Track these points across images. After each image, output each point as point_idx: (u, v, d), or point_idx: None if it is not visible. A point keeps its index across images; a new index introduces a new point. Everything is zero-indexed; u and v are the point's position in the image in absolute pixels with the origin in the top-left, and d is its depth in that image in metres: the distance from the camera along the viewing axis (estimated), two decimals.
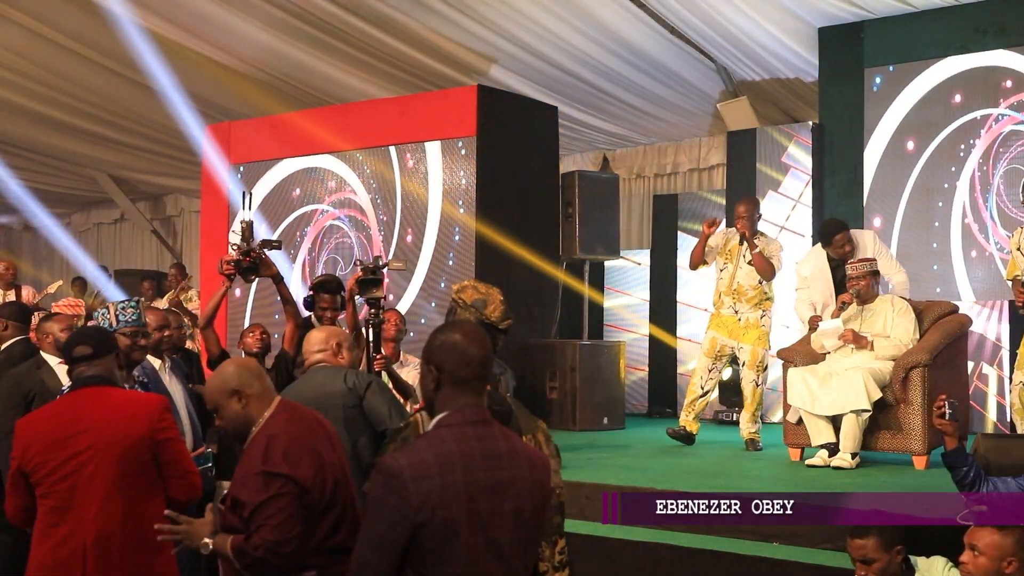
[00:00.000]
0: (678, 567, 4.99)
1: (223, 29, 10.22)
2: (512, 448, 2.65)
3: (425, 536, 2.48)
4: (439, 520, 2.48)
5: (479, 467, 2.55)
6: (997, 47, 8.47)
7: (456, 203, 9.21)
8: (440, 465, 2.51)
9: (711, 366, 7.59)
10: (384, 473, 2.52)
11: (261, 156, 10.73)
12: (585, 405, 8.82)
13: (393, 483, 2.49)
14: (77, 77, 11.50)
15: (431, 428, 2.63)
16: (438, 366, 2.64)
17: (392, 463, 2.53)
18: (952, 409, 4.18)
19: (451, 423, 2.59)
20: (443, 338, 2.67)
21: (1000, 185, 8.42)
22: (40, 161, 14.11)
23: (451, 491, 2.50)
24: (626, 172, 11.84)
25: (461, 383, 2.63)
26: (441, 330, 2.73)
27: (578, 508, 5.70)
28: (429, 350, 2.67)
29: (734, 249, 7.58)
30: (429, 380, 2.66)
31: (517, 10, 9.30)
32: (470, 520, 2.51)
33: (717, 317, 7.61)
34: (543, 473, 2.71)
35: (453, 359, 2.63)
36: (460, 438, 2.57)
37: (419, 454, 2.54)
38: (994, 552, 3.48)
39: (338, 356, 4.38)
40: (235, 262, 5.14)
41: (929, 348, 6.55)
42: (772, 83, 10.21)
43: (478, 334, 2.71)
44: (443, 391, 2.64)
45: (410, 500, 2.47)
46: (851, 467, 6.38)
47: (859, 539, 3.86)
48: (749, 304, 7.48)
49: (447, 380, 2.63)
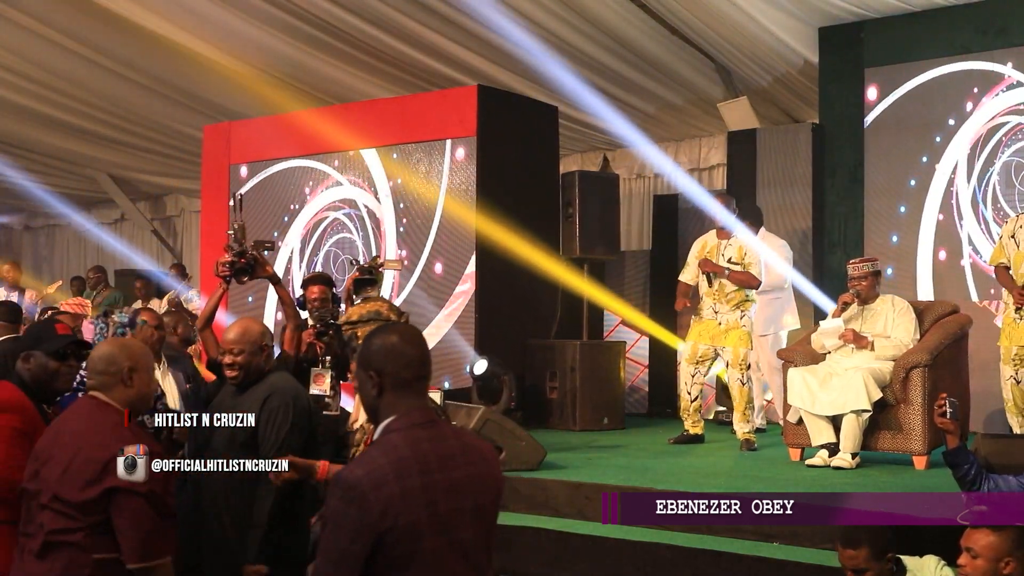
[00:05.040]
0: (678, 567, 4.99)
1: (223, 29, 10.23)
2: (463, 444, 2.63)
3: (389, 543, 2.45)
4: (402, 526, 2.45)
5: (435, 469, 2.52)
6: (997, 47, 8.47)
7: (456, 203, 9.21)
8: (397, 472, 2.48)
9: (694, 371, 7.62)
10: (341, 486, 2.48)
11: (261, 156, 10.74)
12: (585, 405, 8.81)
13: (351, 495, 2.45)
14: (77, 77, 11.51)
15: (380, 434, 2.59)
16: (378, 371, 2.59)
17: (348, 475, 2.49)
18: (953, 408, 4.19)
19: (400, 427, 2.56)
20: (379, 342, 2.63)
21: (996, 184, 8.42)
22: (40, 161, 14.11)
23: (410, 496, 2.47)
24: (626, 172, 11.84)
25: (404, 385, 2.59)
26: (375, 335, 2.68)
27: (578, 508, 5.71)
28: (366, 356, 2.62)
29: (712, 251, 7.61)
30: (370, 387, 2.60)
31: (517, 10, 9.30)
32: (432, 523, 2.49)
33: (699, 323, 7.63)
34: (495, 465, 2.70)
35: (393, 362, 2.59)
36: (412, 441, 2.54)
37: (374, 463, 2.50)
38: (991, 553, 3.48)
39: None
40: (230, 263, 5.14)
41: (929, 348, 6.55)
42: (772, 83, 10.21)
43: (413, 334, 2.68)
44: (386, 396, 2.59)
45: (371, 509, 2.44)
46: (851, 467, 6.38)
47: (851, 549, 3.85)
48: (730, 305, 7.49)
49: (389, 384, 2.59)
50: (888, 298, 6.88)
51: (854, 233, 9.10)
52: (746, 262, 7.45)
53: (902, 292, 8.02)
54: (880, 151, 9.03)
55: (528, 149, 9.40)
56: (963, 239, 8.59)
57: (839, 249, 9.08)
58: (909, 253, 8.79)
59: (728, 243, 7.57)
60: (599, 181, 9.66)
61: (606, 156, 12.11)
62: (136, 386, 3.46)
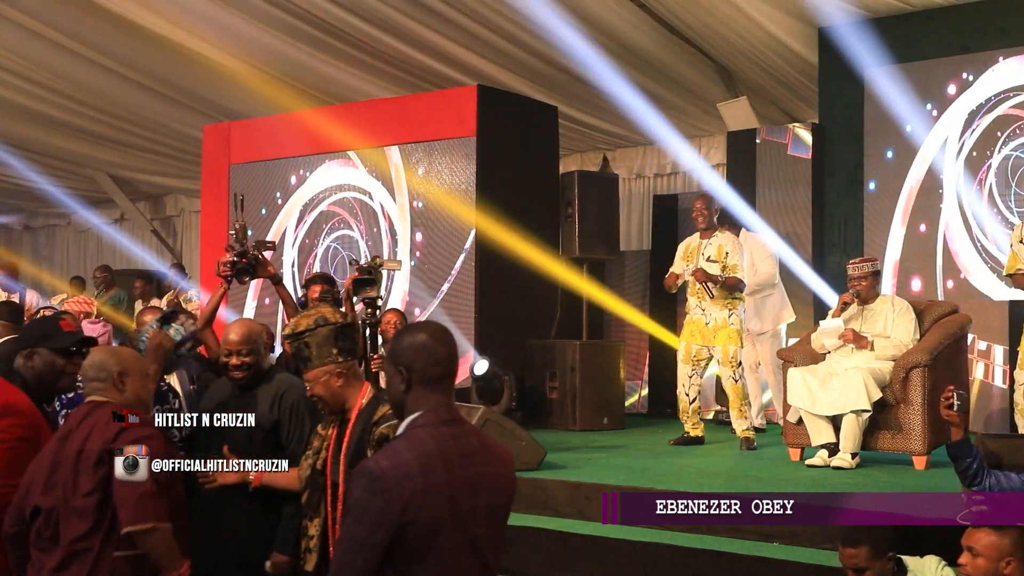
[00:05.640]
0: (678, 567, 4.98)
1: (223, 29, 10.23)
2: (483, 444, 2.70)
3: (409, 536, 2.50)
4: (423, 521, 2.50)
5: (457, 465, 2.58)
6: (997, 47, 8.47)
7: (456, 203, 9.21)
8: (421, 466, 2.53)
9: (691, 372, 7.63)
10: (366, 476, 2.53)
11: (261, 156, 10.74)
12: (585, 405, 8.81)
13: (376, 486, 2.50)
14: (77, 77, 11.51)
15: (405, 429, 2.64)
16: (407, 367, 2.65)
17: (374, 466, 2.54)
18: (960, 400, 4.20)
19: (427, 423, 2.61)
20: (410, 339, 2.69)
21: (992, 184, 8.42)
22: (40, 161, 14.11)
23: (433, 492, 2.52)
24: (626, 172, 11.84)
25: (431, 382, 2.65)
26: (406, 331, 2.74)
27: (578, 508, 5.71)
28: (396, 352, 2.68)
29: (694, 251, 7.63)
30: (399, 382, 2.66)
31: (517, 10, 9.30)
32: (452, 518, 2.54)
33: (689, 323, 7.65)
34: (510, 467, 2.78)
35: (423, 359, 2.65)
36: (437, 438, 2.59)
37: (400, 456, 2.55)
38: (992, 553, 3.48)
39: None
40: (231, 263, 5.14)
41: (929, 348, 6.55)
42: (772, 83, 10.20)
43: (443, 333, 2.73)
44: (414, 391, 2.65)
45: (394, 502, 2.49)
46: (851, 467, 6.38)
47: (851, 548, 3.86)
48: (716, 304, 7.49)
49: (417, 380, 2.64)
50: (888, 298, 6.88)
51: (854, 233, 9.11)
52: (729, 263, 7.47)
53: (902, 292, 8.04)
54: (880, 151, 9.03)
55: (528, 149, 9.40)
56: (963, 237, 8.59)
57: (839, 249, 9.09)
58: (911, 252, 8.78)
59: (708, 242, 7.61)
60: (599, 181, 9.66)
61: (606, 156, 12.11)
62: (129, 390, 3.46)
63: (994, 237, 8.36)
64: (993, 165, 8.45)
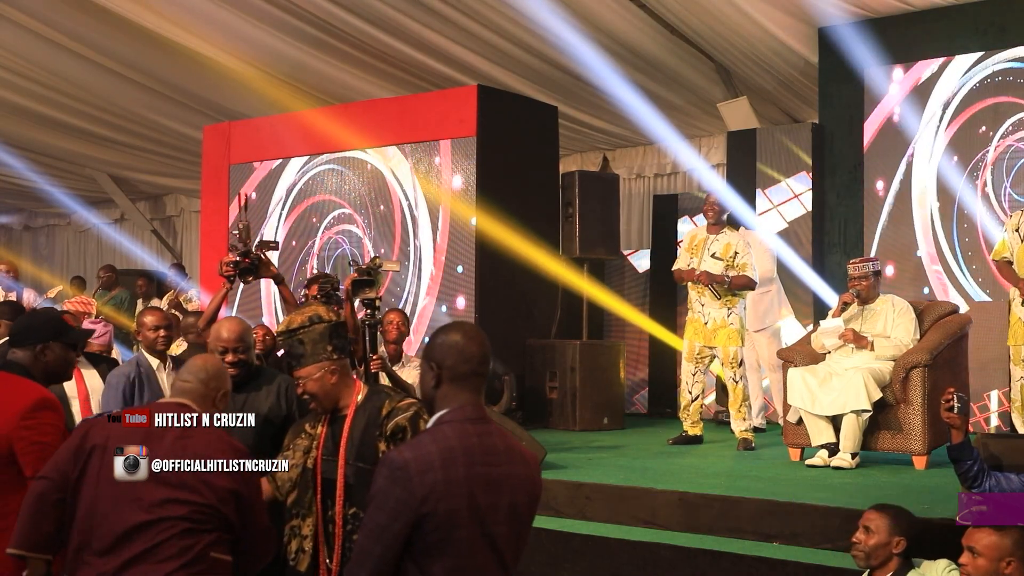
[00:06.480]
0: (678, 567, 4.98)
1: (223, 29, 10.23)
2: (508, 445, 2.75)
3: (428, 528, 2.57)
4: (442, 512, 2.57)
5: (479, 462, 2.64)
6: (997, 47, 8.48)
7: (456, 203, 9.21)
8: (443, 460, 2.60)
9: (695, 370, 7.63)
10: (389, 466, 2.61)
11: (261, 156, 10.74)
12: (585, 405, 8.82)
13: (399, 475, 2.58)
14: (77, 77, 11.52)
15: (433, 424, 2.72)
16: (439, 363, 2.73)
17: (397, 457, 2.62)
18: (960, 403, 4.21)
19: (452, 419, 2.69)
20: (444, 338, 2.78)
21: (989, 181, 8.43)
22: (40, 161, 14.11)
23: (453, 485, 2.59)
24: (626, 172, 11.84)
25: (460, 379, 2.72)
26: (442, 330, 2.83)
27: (578, 508, 5.71)
28: (430, 348, 2.78)
29: (700, 244, 7.63)
30: (430, 377, 2.75)
31: (517, 10, 9.30)
32: (470, 513, 2.60)
33: (691, 322, 7.66)
34: (535, 469, 2.82)
35: (453, 356, 2.73)
36: (461, 434, 2.66)
37: (423, 448, 2.63)
38: (993, 553, 3.49)
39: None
40: (234, 263, 5.15)
41: (929, 348, 6.54)
42: (772, 83, 10.21)
43: (476, 333, 2.80)
44: (443, 388, 2.73)
45: (415, 492, 2.56)
46: (851, 467, 6.38)
47: (875, 511, 4.03)
48: (714, 303, 7.49)
49: (447, 377, 2.72)
50: (888, 298, 6.87)
51: (854, 233, 9.11)
52: (739, 263, 7.47)
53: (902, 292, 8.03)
54: (880, 151, 9.04)
55: (528, 149, 9.40)
56: (963, 236, 8.59)
57: (839, 249, 9.09)
58: (908, 252, 8.79)
59: (715, 238, 7.60)
60: (599, 181, 9.66)
61: (606, 156, 12.11)
62: (220, 408, 3.43)
63: (991, 235, 8.36)
64: (990, 163, 8.46)
